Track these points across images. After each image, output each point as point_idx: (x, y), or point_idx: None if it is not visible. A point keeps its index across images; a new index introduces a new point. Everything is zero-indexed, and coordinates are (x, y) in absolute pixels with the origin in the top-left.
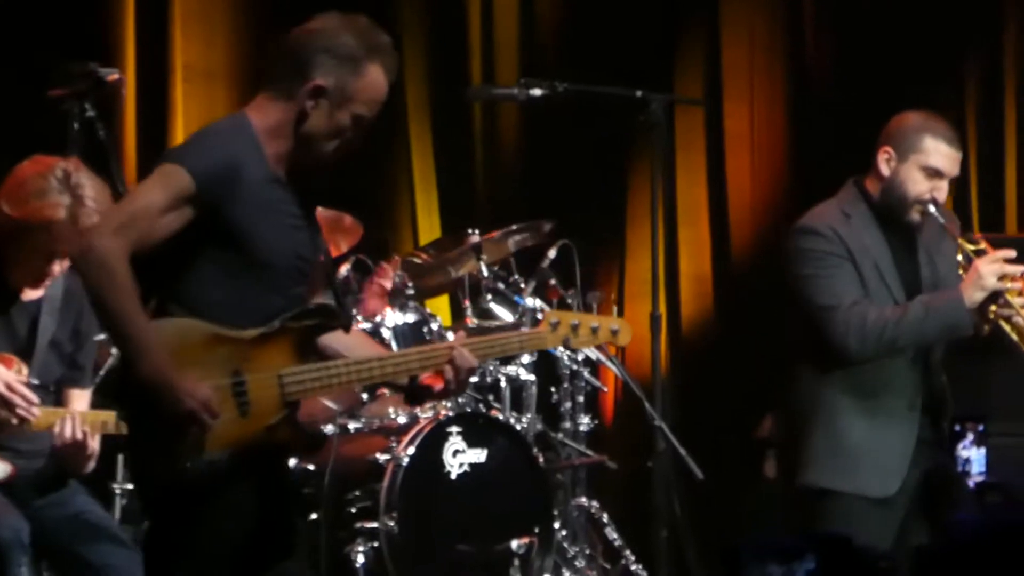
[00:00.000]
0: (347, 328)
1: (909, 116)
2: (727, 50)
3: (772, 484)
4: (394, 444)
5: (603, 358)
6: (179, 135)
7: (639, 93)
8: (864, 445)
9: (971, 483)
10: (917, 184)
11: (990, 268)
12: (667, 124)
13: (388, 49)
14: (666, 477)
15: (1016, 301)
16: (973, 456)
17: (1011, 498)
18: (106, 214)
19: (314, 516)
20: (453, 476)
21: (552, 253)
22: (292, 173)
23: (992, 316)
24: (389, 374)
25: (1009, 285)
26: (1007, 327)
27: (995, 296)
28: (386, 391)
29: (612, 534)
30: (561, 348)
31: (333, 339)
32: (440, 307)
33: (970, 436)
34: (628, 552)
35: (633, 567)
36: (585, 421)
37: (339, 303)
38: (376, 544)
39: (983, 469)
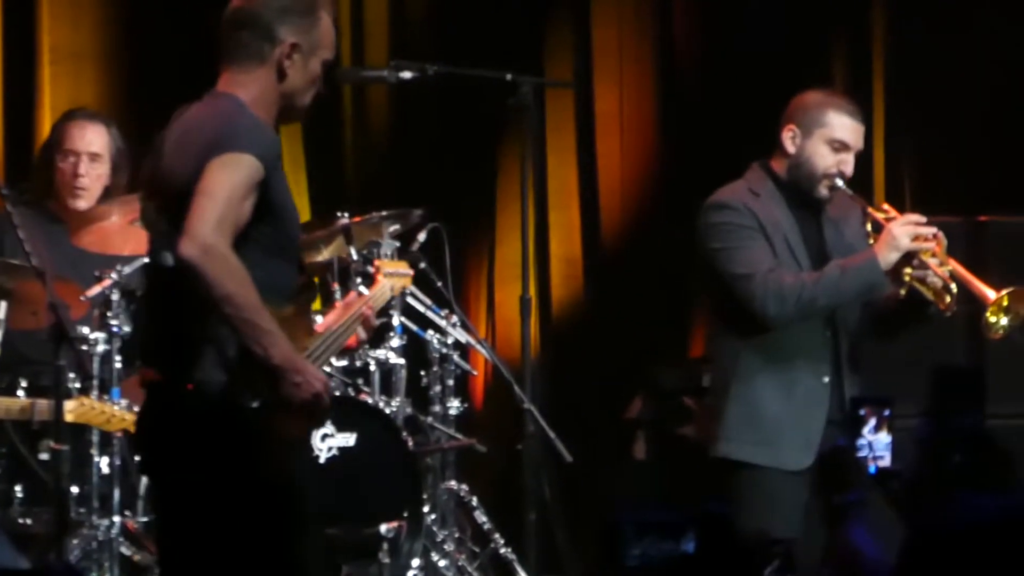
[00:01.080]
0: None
1: (810, 94)
2: (596, 32)
3: (641, 464)
4: None
5: (473, 341)
6: (46, 118)
7: (509, 76)
8: (783, 417)
9: (873, 468)
10: (824, 158)
11: (903, 229)
12: (537, 107)
13: None
14: (535, 460)
15: (931, 261)
16: (877, 441)
17: (913, 486)
18: (199, 213)
19: None
20: (322, 460)
21: (422, 236)
22: None
23: (907, 278)
24: (345, 340)
25: (923, 245)
26: (922, 288)
27: (909, 257)
28: None
29: (481, 517)
30: (430, 332)
31: None
32: None
33: (873, 421)
34: (497, 535)
35: (502, 550)
36: (455, 404)
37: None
38: None
39: (887, 455)
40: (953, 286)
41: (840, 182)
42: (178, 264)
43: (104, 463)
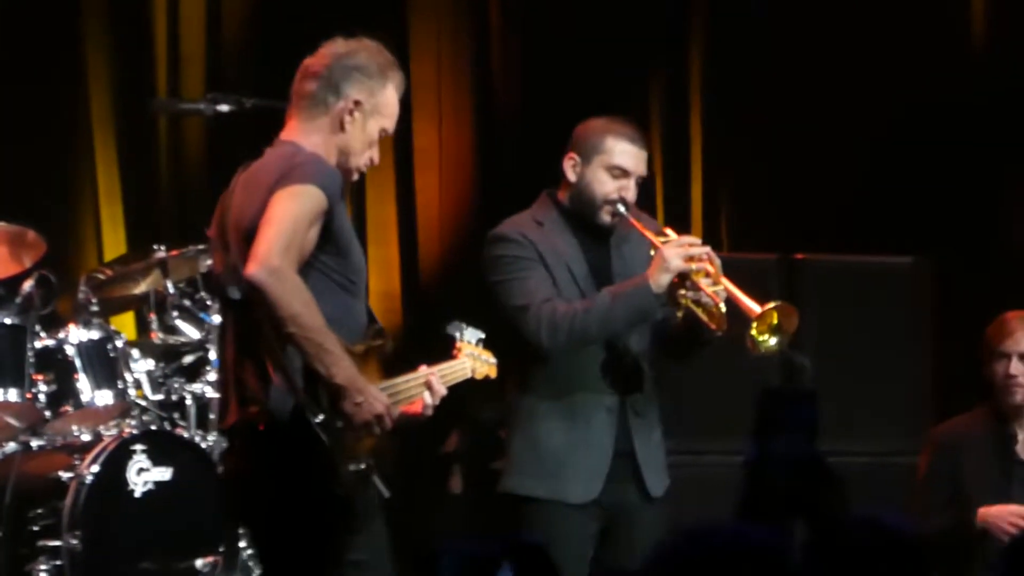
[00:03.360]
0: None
1: (591, 121)
2: (414, 67)
3: (458, 498)
4: (77, 462)
5: None
6: None
7: None
8: (564, 450)
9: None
10: (603, 185)
11: (674, 251)
12: None
13: (397, 65)
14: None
15: (703, 282)
16: None
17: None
18: (265, 239)
19: None
20: (137, 494)
21: None
22: None
23: (683, 300)
24: (409, 397)
25: (694, 266)
26: (697, 310)
27: (683, 279)
28: (69, 408)
29: None
30: None
31: None
32: (125, 324)
33: None
34: None
35: None
36: None
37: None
38: (59, 562)
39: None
40: (723, 306)
41: (622, 208)
42: (245, 287)
43: None
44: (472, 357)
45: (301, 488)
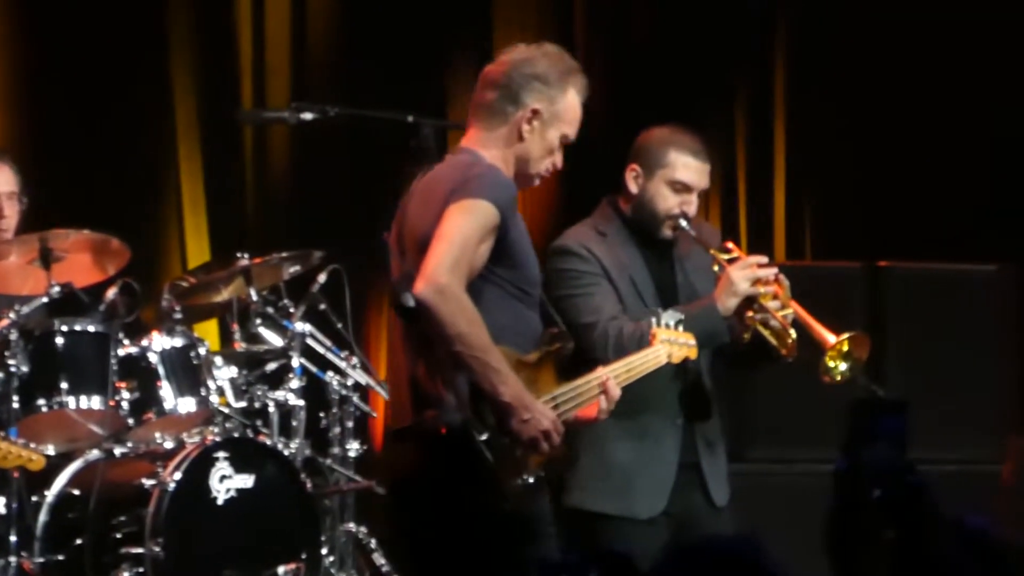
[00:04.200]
0: (571, 351)
1: (654, 131)
2: None
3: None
4: (160, 469)
5: (373, 383)
6: None
7: (410, 118)
8: (633, 467)
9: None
10: (666, 200)
11: (742, 274)
12: (439, 149)
13: (579, 71)
14: None
15: (771, 304)
16: None
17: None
18: (435, 255)
19: (79, 541)
20: (220, 501)
21: (322, 278)
22: None
23: (749, 322)
24: (594, 395)
25: (762, 289)
26: (765, 332)
27: (750, 301)
28: (152, 415)
29: (380, 560)
30: (329, 374)
31: None
32: (208, 331)
33: None
34: None
35: None
36: (354, 447)
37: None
38: (142, 570)
39: None
40: (792, 331)
41: (684, 223)
42: (415, 304)
43: (0, 503)
44: (668, 342)
45: (465, 502)
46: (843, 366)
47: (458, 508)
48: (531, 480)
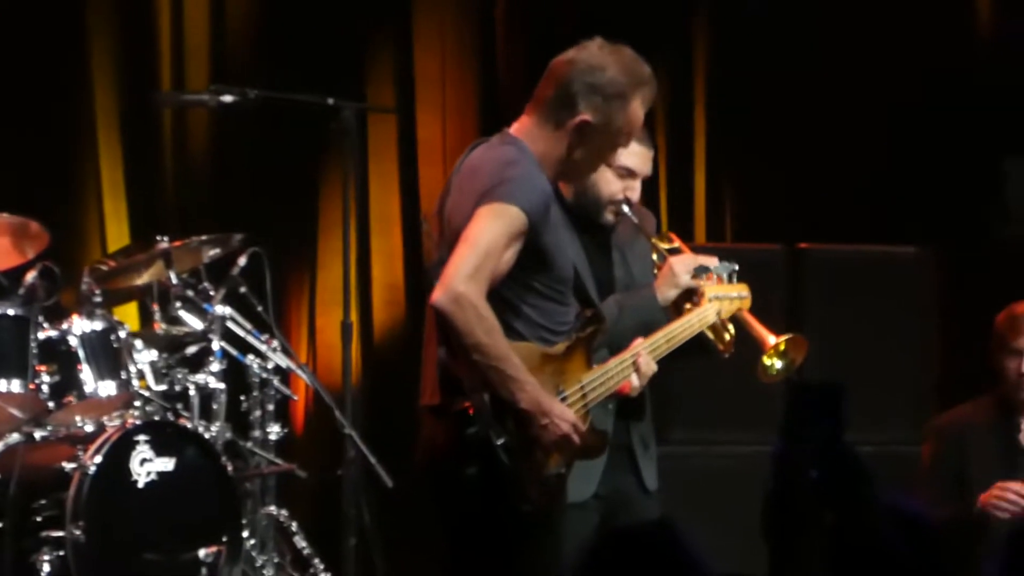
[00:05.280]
0: (607, 329)
1: None
2: (419, 59)
3: None
4: (81, 452)
5: (294, 366)
6: None
7: (331, 101)
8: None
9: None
10: (610, 184)
11: (683, 265)
12: (359, 132)
13: (650, 81)
14: (356, 485)
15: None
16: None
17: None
18: (457, 262)
19: None
20: (141, 485)
21: (242, 261)
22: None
23: (687, 314)
24: (627, 373)
25: (703, 282)
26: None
27: (689, 294)
28: (72, 399)
29: (301, 543)
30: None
31: None
32: (128, 315)
33: None
34: (317, 561)
35: (322, 575)
36: (275, 430)
37: (591, 302)
38: (62, 553)
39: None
40: (731, 327)
41: (626, 208)
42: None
43: None
44: (718, 299)
45: (487, 502)
46: (779, 364)
47: (481, 507)
48: (551, 477)
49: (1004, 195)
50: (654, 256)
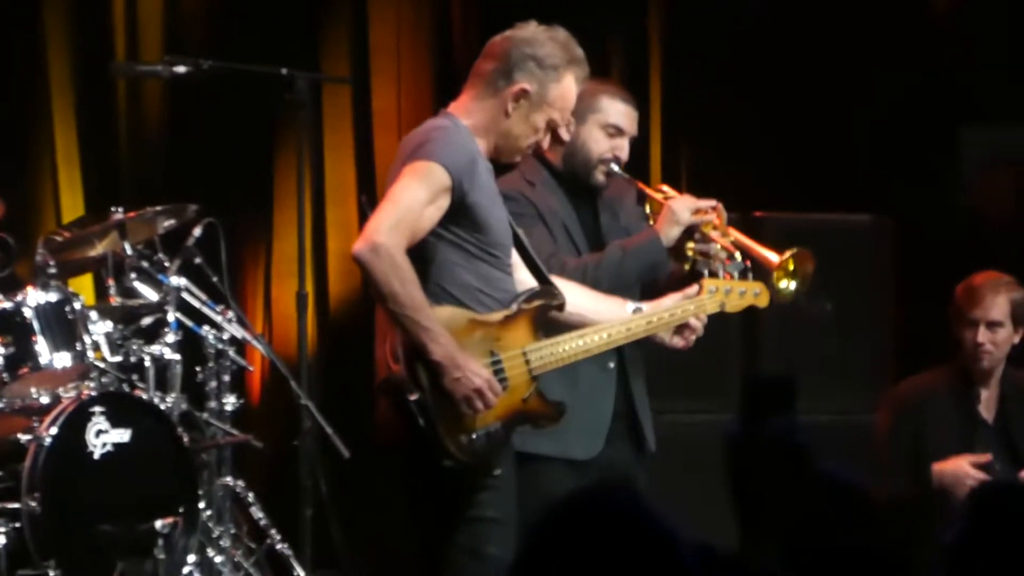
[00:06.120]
0: (562, 308)
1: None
2: (374, 29)
3: None
4: (36, 424)
5: (249, 337)
6: None
7: (285, 71)
8: (568, 406)
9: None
10: (599, 143)
11: (683, 203)
12: (314, 103)
13: (583, 63)
14: (312, 456)
15: (712, 233)
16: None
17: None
18: (378, 215)
19: None
20: (96, 456)
21: (197, 232)
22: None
23: (690, 253)
24: (612, 342)
25: (704, 218)
26: (708, 262)
27: (690, 232)
28: (27, 370)
29: (257, 513)
30: (206, 328)
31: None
32: (83, 286)
33: None
34: (273, 531)
35: (278, 546)
36: (231, 400)
37: (546, 280)
38: (18, 525)
39: None
40: (738, 255)
41: (616, 167)
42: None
43: None
44: (721, 292)
45: (410, 458)
46: (792, 284)
47: (405, 463)
48: (479, 437)
49: (961, 164)
50: (646, 208)
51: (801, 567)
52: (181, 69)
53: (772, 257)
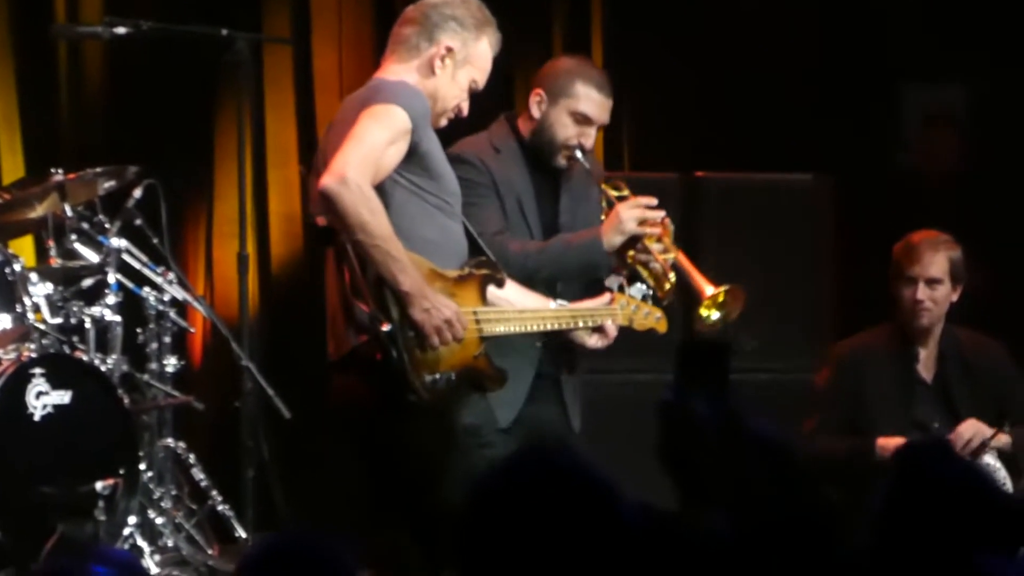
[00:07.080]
0: (502, 284)
1: (563, 60)
2: None
3: None
4: None
5: (190, 298)
6: None
7: (224, 31)
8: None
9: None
10: (566, 128)
11: (630, 213)
12: (254, 63)
13: (495, 25)
14: (253, 417)
15: (654, 247)
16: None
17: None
18: (342, 153)
19: None
20: (37, 418)
21: (138, 193)
22: None
23: (630, 261)
24: (563, 327)
25: (648, 231)
26: (644, 272)
27: (634, 240)
28: None
29: (199, 474)
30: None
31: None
32: (23, 248)
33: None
34: (215, 492)
35: (220, 507)
36: (172, 362)
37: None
38: None
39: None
40: (672, 276)
41: (579, 154)
42: (319, 196)
43: None
44: (629, 309)
45: (377, 392)
46: (715, 315)
47: (374, 399)
48: (440, 379)
49: (900, 122)
50: (603, 204)
51: (744, 527)
52: (121, 30)
53: (707, 288)
